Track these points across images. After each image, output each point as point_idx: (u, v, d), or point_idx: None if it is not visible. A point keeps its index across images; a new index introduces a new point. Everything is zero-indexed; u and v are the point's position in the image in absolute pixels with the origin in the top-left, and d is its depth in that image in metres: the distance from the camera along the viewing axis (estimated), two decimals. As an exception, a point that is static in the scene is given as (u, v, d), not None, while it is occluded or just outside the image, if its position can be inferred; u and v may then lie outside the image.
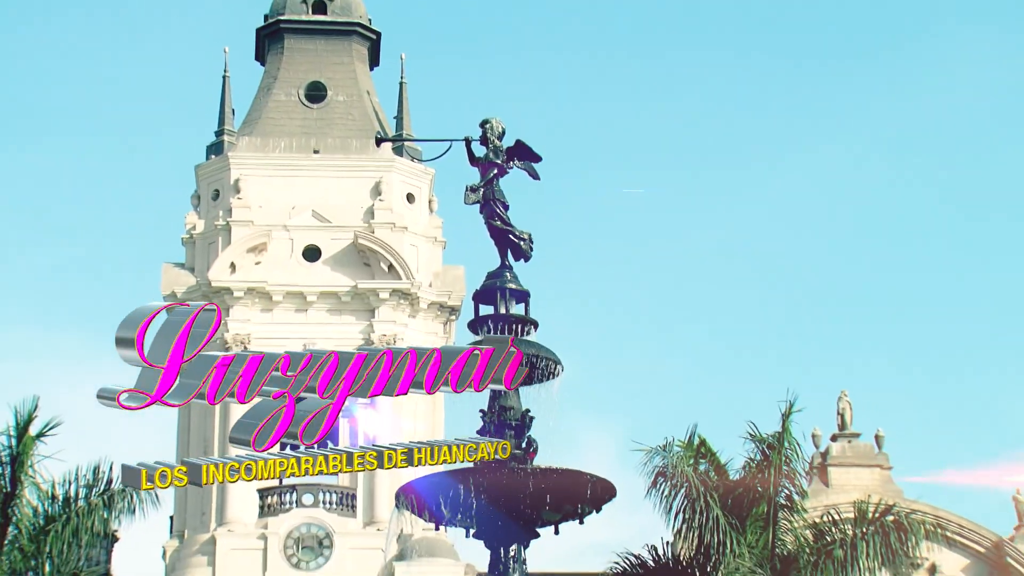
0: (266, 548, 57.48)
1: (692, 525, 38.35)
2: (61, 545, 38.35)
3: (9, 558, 38.01)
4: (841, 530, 39.55)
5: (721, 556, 37.84)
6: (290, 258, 60.34)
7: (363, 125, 61.76)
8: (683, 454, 38.57)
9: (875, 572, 40.10)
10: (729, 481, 38.83)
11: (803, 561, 38.51)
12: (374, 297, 59.78)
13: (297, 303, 60.34)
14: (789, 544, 38.96)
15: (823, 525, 40.24)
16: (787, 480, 39.41)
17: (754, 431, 39.12)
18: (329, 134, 62.14)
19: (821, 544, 39.07)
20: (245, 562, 57.31)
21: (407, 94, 63.05)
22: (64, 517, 38.31)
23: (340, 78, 63.55)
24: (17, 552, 38.21)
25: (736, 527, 37.92)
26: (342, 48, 64.62)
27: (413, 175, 62.14)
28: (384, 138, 60.35)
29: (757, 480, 38.73)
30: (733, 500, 38.41)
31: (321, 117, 62.80)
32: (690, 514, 38.31)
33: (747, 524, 38.36)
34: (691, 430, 39.02)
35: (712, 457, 39.07)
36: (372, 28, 64.96)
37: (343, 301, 60.34)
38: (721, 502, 38.06)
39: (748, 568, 37.64)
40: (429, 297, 60.65)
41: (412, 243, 61.03)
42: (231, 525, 57.68)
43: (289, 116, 62.71)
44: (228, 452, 58.56)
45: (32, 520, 38.78)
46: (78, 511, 38.47)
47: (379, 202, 60.94)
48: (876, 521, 39.48)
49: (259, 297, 59.97)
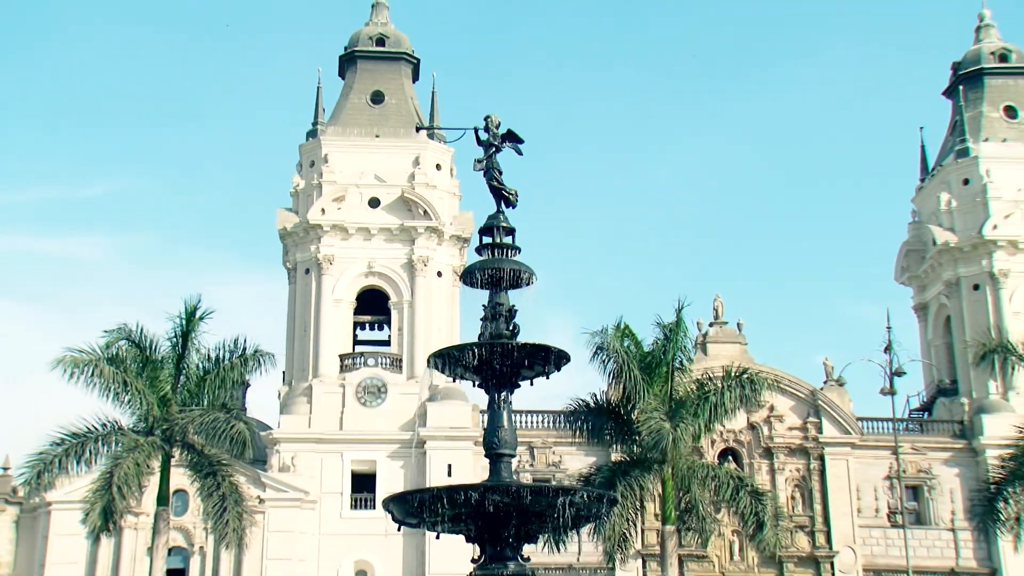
0: (344, 393, 59.32)
1: (618, 380, 40.29)
2: (214, 388, 40.13)
3: (181, 395, 39.88)
4: (714, 383, 41.30)
5: (636, 399, 39.91)
6: (359, 205, 62.66)
7: (408, 119, 64.45)
8: (614, 335, 40.33)
9: (735, 410, 42.22)
10: (643, 351, 40.57)
11: (689, 403, 40.35)
12: (414, 231, 62.03)
13: (364, 235, 62.30)
14: (681, 392, 40.77)
15: (703, 380, 42.25)
16: (680, 351, 41.09)
17: (659, 320, 41.05)
18: (385, 125, 64.75)
19: (701, 392, 40.95)
20: (331, 402, 59.33)
21: (436, 99, 65.46)
22: (216, 370, 40.15)
23: (393, 88, 66.42)
24: (186, 392, 40.20)
25: (646, 381, 39.78)
26: (394, 69, 67.16)
27: (440, 152, 64.33)
28: (421, 127, 63.10)
29: (660, 351, 40.62)
30: (645, 364, 40.26)
31: (380, 114, 65.51)
32: (617, 373, 40.11)
33: (654, 379, 40.12)
34: (619, 320, 41.20)
35: (632, 337, 40.79)
36: (414, 56, 68.45)
37: (394, 234, 62.18)
38: (638, 366, 39.89)
39: (653, 407, 39.50)
40: (450, 232, 63.24)
41: (439, 197, 63.21)
42: (322, 377, 59.99)
43: (359, 113, 65.72)
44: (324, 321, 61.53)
45: (196, 371, 40.55)
46: (224, 367, 40.19)
47: (417, 170, 63.37)
48: (736, 378, 41.26)
49: (339, 231, 62.03)
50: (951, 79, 72.01)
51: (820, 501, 59.19)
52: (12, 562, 55.88)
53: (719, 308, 62.58)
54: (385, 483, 55.15)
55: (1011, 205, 65.82)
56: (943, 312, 68.30)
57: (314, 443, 57.68)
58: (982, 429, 60.61)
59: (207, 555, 54.69)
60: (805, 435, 60.10)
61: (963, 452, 61.21)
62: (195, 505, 48.62)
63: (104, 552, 53.98)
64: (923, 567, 56.78)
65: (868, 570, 57.90)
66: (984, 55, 70.80)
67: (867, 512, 59.72)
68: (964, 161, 67.59)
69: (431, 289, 61.98)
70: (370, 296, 62.73)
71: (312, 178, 63.43)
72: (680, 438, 39.30)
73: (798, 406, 60.87)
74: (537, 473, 57.15)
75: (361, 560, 56.69)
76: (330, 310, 61.13)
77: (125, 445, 38.69)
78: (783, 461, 59.61)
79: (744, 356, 58.82)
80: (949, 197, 67.31)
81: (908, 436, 61.16)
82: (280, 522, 55.44)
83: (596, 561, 52.92)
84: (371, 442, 58.11)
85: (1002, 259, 64.89)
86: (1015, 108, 69.78)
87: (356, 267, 62.08)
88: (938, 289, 68.07)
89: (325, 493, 57.16)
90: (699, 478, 40.29)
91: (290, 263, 63.74)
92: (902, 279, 71.40)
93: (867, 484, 60.07)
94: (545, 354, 19.47)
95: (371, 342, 64.19)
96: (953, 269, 66.34)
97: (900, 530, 56.03)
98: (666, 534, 40.31)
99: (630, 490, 39.12)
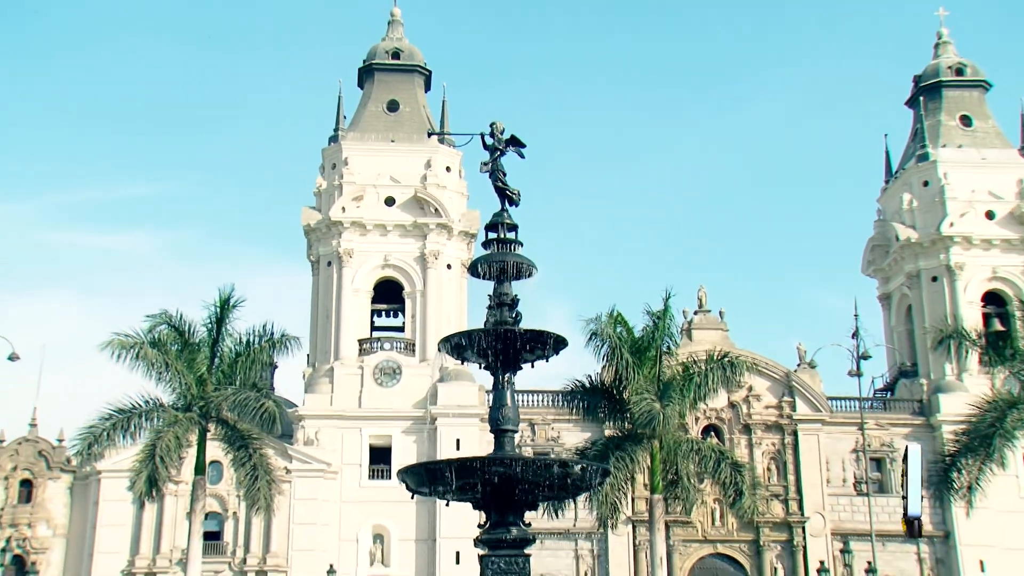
0: (362, 374, 59.19)
1: (611, 363, 40.12)
2: (245, 369, 40.08)
3: (216, 375, 39.73)
4: (698, 366, 41.09)
5: (628, 381, 39.79)
6: (376, 204, 62.39)
7: (420, 126, 64.31)
8: (607, 322, 40.08)
9: (717, 390, 42.20)
10: (633, 337, 40.36)
11: (675, 383, 40.15)
12: (426, 228, 61.82)
13: (380, 231, 61.97)
14: (668, 374, 40.58)
15: (688, 363, 41.93)
16: (667, 337, 40.95)
17: (648, 308, 40.81)
18: (400, 131, 64.53)
19: (686, 374, 40.76)
20: (350, 382, 59.14)
21: (447, 107, 65.12)
22: (247, 353, 40.10)
23: (407, 97, 66.15)
24: (220, 372, 39.95)
25: (637, 364, 39.64)
26: (408, 80, 66.80)
27: (450, 155, 63.96)
28: (433, 133, 62.75)
29: (650, 336, 40.43)
30: (635, 348, 40.05)
31: (395, 121, 65.23)
32: (610, 357, 39.98)
33: (643, 362, 39.93)
34: (612, 308, 40.81)
35: (624, 323, 40.50)
36: (426, 68, 67.93)
37: (407, 230, 61.87)
38: (629, 350, 39.72)
39: (643, 387, 39.37)
40: (459, 228, 63.05)
41: (449, 196, 62.93)
42: (342, 360, 59.99)
43: (376, 120, 65.44)
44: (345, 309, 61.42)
45: (229, 354, 40.39)
46: (254, 350, 40.15)
47: (429, 172, 63.09)
48: (718, 361, 41.08)
49: (358, 227, 61.76)
50: (912, 90, 71.88)
51: (793, 472, 59.30)
52: (67, 524, 55.92)
53: (703, 298, 62.64)
54: (400, 456, 55.10)
55: (966, 205, 65.73)
56: (905, 302, 68.26)
57: (335, 419, 57.71)
58: (939, 407, 60.63)
59: (240, 520, 54.87)
60: (780, 413, 60.15)
61: (922, 428, 61.16)
62: (229, 475, 48.92)
63: (148, 516, 54.22)
64: (885, 531, 56.51)
65: (836, 534, 57.92)
66: (942, 69, 70.64)
67: (835, 482, 59.74)
68: (924, 165, 67.52)
69: (441, 280, 61.88)
70: (386, 286, 62.61)
71: (334, 179, 63.31)
72: (667, 416, 39.26)
73: (774, 386, 60.97)
74: (537, 447, 57.07)
75: (378, 525, 56.68)
76: (350, 299, 61.10)
77: (166, 420, 38.81)
78: (760, 436, 59.71)
79: (725, 341, 58.88)
80: (911, 197, 67.21)
81: (873, 413, 61.11)
82: (305, 490, 55.63)
83: (591, 526, 52.77)
84: (387, 419, 58.14)
85: (958, 253, 64.76)
86: (970, 117, 69.62)
87: (373, 260, 61.99)
88: (900, 281, 68.04)
89: (345, 464, 57.28)
90: (684, 452, 40.28)
91: (313, 256, 63.65)
92: (868, 272, 71.42)
93: (835, 457, 60.14)
94: (544, 339, 19.32)
95: (387, 328, 63.98)
96: (914, 263, 66.25)
97: (865, 498, 56.95)
98: (654, 502, 40.37)
99: (621, 462, 39.09)
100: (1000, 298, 64.73)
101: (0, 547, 51.56)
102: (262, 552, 54.92)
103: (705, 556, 58.11)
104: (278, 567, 54.74)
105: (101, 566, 54.29)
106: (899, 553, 58.36)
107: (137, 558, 54.32)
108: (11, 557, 51.81)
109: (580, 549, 56.95)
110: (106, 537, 54.53)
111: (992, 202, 66.11)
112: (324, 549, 54.78)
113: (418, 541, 56.56)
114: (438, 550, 55.62)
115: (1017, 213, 65.73)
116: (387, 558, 56.71)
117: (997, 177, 66.64)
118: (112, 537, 54.51)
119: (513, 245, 20.00)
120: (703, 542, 57.98)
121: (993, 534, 54.80)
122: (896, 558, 58.35)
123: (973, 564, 56.80)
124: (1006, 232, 65.54)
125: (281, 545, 55.05)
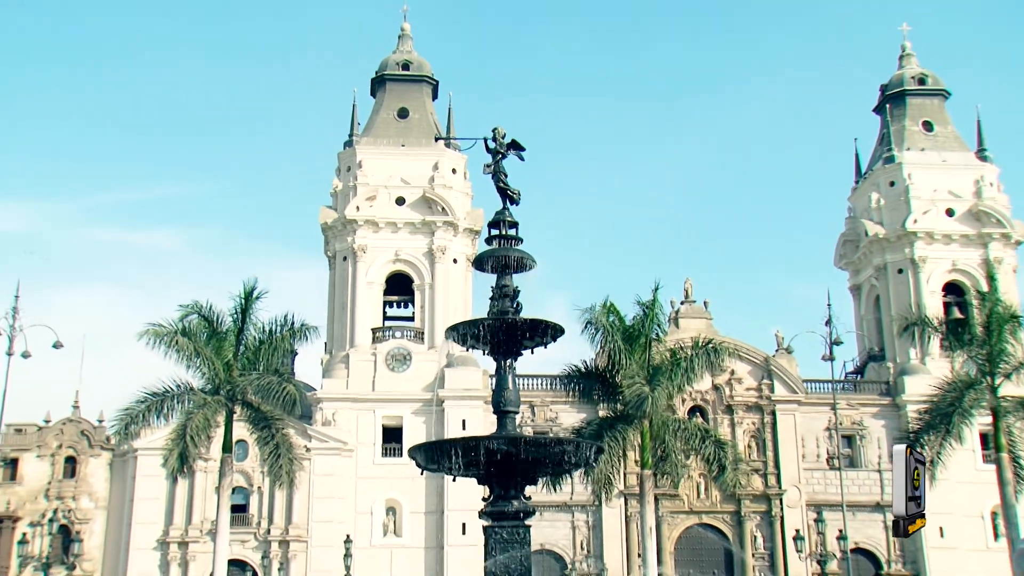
0: (376, 360, 58.87)
1: (604, 349, 39.94)
2: (268, 355, 39.84)
3: (241, 361, 39.48)
4: (684, 352, 40.90)
5: (620, 365, 39.58)
6: (388, 204, 61.89)
7: (428, 131, 63.91)
8: (601, 311, 39.84)
9: (702, 374, 41.91)
10: (625, 325, 40.10)
11: (664, 368, 39.98)
12: (434, 225, 61.48)
13: (392, 228, 61.52)
14: (657, 359, 40.39)
15: (675, 349, 41.79)
16: (656, 325, 40.65)
17: (639, 299, 40.61)
18: (410, 136, 64.10)
19: (674, 359, 40.54)
20: (364, 367, 58.83)
21: (452, 114, 65.22)
22: (269, 341, 39.74)
23: (416, 105, 65.72)
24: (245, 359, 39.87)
25: (628, 350, 39.45)
26: (417, 89, 66.35)
27: (455, 158, 63.60)
28: (440, 138, 62.27)
29: (640, 325, 40.21)
30: (627, 336, 39.84)
31: (405, 127, 64.86)
32: (604, 343, 39.81)
33: (635, 348, 39.75)
34: (606, 299, 40.70)
35: (616, 313, 40.25)
36: (433, 78, 67.60)
37: (417, 227, 61.38)
38: (621, 337, 39.51)
39: (634, 372, 39.23)
40: (464, 225, 62.58)
41: (455, 196, 62.52)
42: (357, 347, 59.83)
43: (388, 126, 65.02)
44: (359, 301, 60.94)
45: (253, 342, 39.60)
46: (276, 338, 39.90)
47: (436, 174, 62.67)
48: (702, 347, 40.91)
49: (371, 225, 61.39)
50: (879, 98, 71.67)
51: (772, 449, 59.34)
52: (107, 497, 56.08)
53: (689, 289, 62.53)
54: (410, 435, 55.18)
55: (928, 203, 65.56)
56: (873, 292, 68.04)
57: (351, 402, 57.71)
58: (904, 388, 60.61)
59: (264, 494, 54.94)
60: (759, 394, 60.12)
61: (888, 407, 61.25)
62: (254, 452, 48.50)
63: (180, 490, 54.23)
64: (855, 501, 57.15)
65: (810, 504, 57.72)
66: (906, 79, 70.41)
67: (810, 457, 59.73)
68: (890, 167, 67.35)
69: (448, 274, 61.69)
70: (397, 279, 62.42)
71: (349, 181, 63.15)
72: (656, 398, 39.16)
73: (754, 370, 60.90)
74: (537, 427, 56.90)
75: (391, 498, 56.69)
76: (364, 291, 60.92)
77: (196, 403, 38.78)
78: (741, 416, 59.65)
79: (710, 329, 58.78)
80: (878, 196, 67.01)
81: (844, 395, 61.01)
82: (323, 467, 55.71)
83: (586, 499, 54.02)
84: (398, 401, 58.08)
85: (921, 248, 64.57)
86: (931, 123, 69.32)
87: (385, 255, 61.74)
88: (869, 273, 67.88)
89: (360, 443, 57.30)
90: (672, 431, 40.24)
91: (330, 252, 63.51)
92: (840, 264, 71.19)
93: (810, 434, 60.12)
94: (543, 328, 19.11)
95: (398, 318, 63.89)
96: (881, 256, 66.11)
97: (837, 472, 56.92)
98: (644, 477, 40.32)
99: (614, 441, 39.08)
100: (959, 288, 64.48)
101: (48, 517, 53.04)
102: (285, 523, 55.01)
103: (691, 526, 58.14)
104: (299, 537, 54.80)
105: (138, 535, 54.55)
106: (868, 521, 58.78)
107: (171, 528, 54.45)
108: (58, 526, 53.06)
109: (576, 520, 56.93)
110: (143, 509, 54.72)
111: (952, 200, 65.92)
112: (341, 521, 54.77)
113: (427, 513, 56.57)
114: (446, 521, 55.66)
115: (974, 211, 65.53)
116: (399, 529, 56.74)
117: (956, 178, 66.49)
118: (148, 509, 54.68)
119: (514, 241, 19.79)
120: (689, 513, 58.00)
121: (952, 503, 54.55)
122: (865, 526, 58.62)
123: (934, 530, 56.64)
124: (964, 228, 65.37)
125: (302, 517, 55.13)
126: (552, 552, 56.39)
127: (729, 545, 57.87)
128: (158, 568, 54.44)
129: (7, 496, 54.45)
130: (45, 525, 53.10)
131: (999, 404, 40.47)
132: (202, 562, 52.54)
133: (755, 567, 57.53)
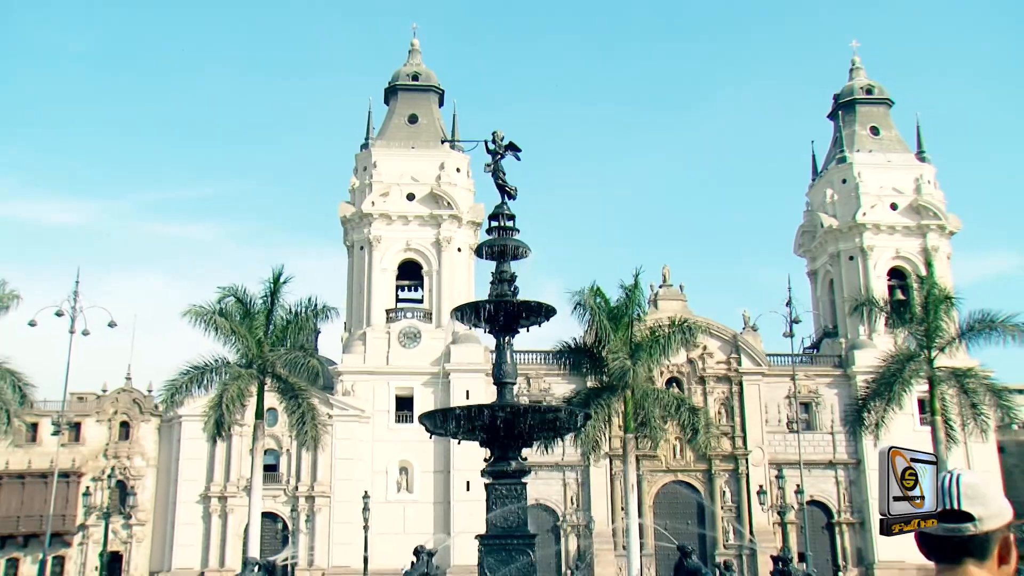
0: (389, 338, 58.24)
1: (592, 327, 39.58)
2: (295, 333, 39.41)
3: (271, 339, 38.52)
4: (662, 330, 40.56)
5: (605, 342, 39.22)
6: (399, 199, 61.15)
7: (435, 135, 62.95)
8: (589, 294, 39.45)
9: (678, 349, 41.78)
10: (610, 306, 39.72)
11: (644, 344, 39.55)
12: (440, 218, 60.75)
13: (403, 221, 60.78)
14: (638, 336, 40.03)
15: (654, 327, 41.32)
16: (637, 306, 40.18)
17: (622, 283, 40.15)
18: (419, 139, 63.24)
19: (653, 336, 40.09)
20: (379, 344, 58.16)
21: (457, 119, 63.89)
22: (295, 321, 39.32)
23: (424, 111, 64.85)
24: (274, 336, 38.57)
25: (613, 328, 39.08)
26: (425, 97, 65.48)
27: (459, 159, 62.80)
28: (445, 140, 61.30)
29: (623, 306, 39.82)
30: (612, 316, 39.47)
31: (415, 131, 63.97)
32: (591, 322, 39.47)
33: (618, 326, 39.37)
34: (593, 283, 40.27)
35: (602, 295, 39.85)
36: (439, 88, 66.85)
37: (425, 220, 60.63)
38: (606, 317, 39.15)
39: (618, 348, 38.78)
40: (467, 218, 61.84)
41: (459, 192, 61.79)
42: (373, 326, 59.29)
43: (399, 130, 64.22)
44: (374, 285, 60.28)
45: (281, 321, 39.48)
46: (301, 318, 39.46)
47: (443, 172, 61.89)
48: (678, 326, 40.50)
49: (385, 218, 60.67)
50: (832, 106, 71.19)
51: (739, 415, 59.08)
52: (157, 457, 56.16)
53: (667, 274, 62.15)
54: (420, 404, 54.77)
55: (875, 199, 65.19)
56: (828, 276, 67.71)
57: (368, 375, 57.35)
58: (854, 361, 60.42)
59: (292, 455, 54.75)
60: (728, 367, 59.79)
61: (841, 378, 60.99)
62: (283, 419, 47.93)
63: (220, 452, 54.00)
64: (810, 460, 57.01)
65: (772, 463, 57.60)
66: (856, 89, 70.01)
67: (772, 422, 59.58)
68: (842, 166, 67.00)
69: (453, 261, 61.27)
70: (408, 266, 61.98)
71: (365, 179, 62.54)
72: (637, 371, 38.85)
73: (724, 346, 60.64)
74: (532, 396, 56.66)
75: (403, 459, 56.42)
76: (378, 277, 60.52)
77: (231, 375, 38.57)
78: (712, 386, 59.38)
79: (685, 310, 58.41)
80: (832, 192, 66.64)
81: (802, 367, 60.82)
82: (344, 432, 55.33)
83: (576, 460, 53.85)
84: (409, 374, 57.73)
85: (869, 238, 64.29)
86: (878, 128, 68.90)
87: (397, 245, 61.33)
88: (824, 260, 67.53)
89: (376, 411, 56.99)
90: (651, 399, 39.95)
91: (348, 242, 63.06)
92: (798, 252, 70.86)
93: (773, 402, 59.89)
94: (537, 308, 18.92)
95: (409, 300, 63.39)
96: (835, 245, 65.84)
97: (795, 434, 56.74)
98: (627, 440, 40.19)
99: (600, 408, 38.86)
100: (902, 273, 64.12)
101: (107, 474, 53.53)
102: (311, 481, 54.83)
103: (668, 483, 57.98)
104: (323, 493, 54.66)
105: (184, 490, 54.55)
106: (822, 478, 58.63)
107: (212, 485, 54.40)
108: (115, 482, 53.71)
109: (567, 478, 56.74)
110: (187, 468, 54.63)
111: (895, 196, 65.54)
112: (360, 479, 54.47)
113: (436, 472, 56.34)
114: (452, 480, 55.47)
115: (915, 205, 65.19)
116: (411, 486, 56.54)
117: (899, 176, 66.06)
118: (192, 468, 54.58)
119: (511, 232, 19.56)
120: (666, 472, 57.80)
121: (895, 462, 53.97)
122: (819, 481, 58.44)
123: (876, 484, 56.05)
124: (906, 220, 64.96)
125: (325, 475, 54.90)
126: (546, 506, 56.18)
127: (701, 499, 57.71)
128: (201, 519, 54.34)
129: (72, 455, 54.58)
130: (104, 480, 53.39)
131: (935, 374, 40.54)
132: (239, 514, 52.42)
133: (723, 518, 57.38)
